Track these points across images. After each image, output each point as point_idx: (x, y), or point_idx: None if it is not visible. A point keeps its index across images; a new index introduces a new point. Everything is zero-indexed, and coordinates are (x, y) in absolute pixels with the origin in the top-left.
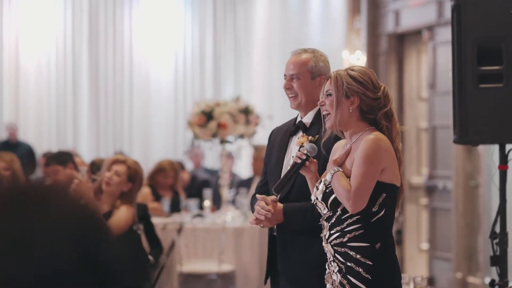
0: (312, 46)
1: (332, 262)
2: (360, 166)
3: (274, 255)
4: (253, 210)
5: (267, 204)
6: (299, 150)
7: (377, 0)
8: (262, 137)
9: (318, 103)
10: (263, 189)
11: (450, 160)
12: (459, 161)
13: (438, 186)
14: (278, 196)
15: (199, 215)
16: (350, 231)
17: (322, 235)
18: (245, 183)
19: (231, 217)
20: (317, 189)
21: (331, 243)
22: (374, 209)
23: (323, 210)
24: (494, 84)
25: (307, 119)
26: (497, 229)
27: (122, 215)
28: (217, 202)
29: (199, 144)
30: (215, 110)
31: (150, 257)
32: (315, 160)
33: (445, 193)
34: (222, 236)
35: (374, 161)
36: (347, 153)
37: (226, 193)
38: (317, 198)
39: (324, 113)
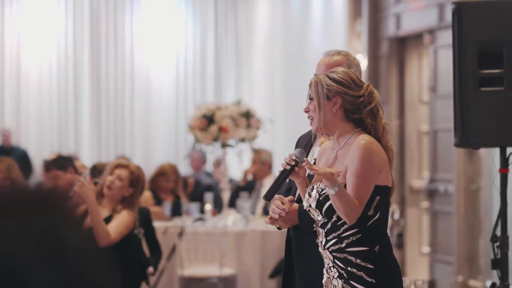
0: (313, 49)
1: (331, 268)
2: (359, 177)
3: (290, 257)
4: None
5: (283, 203)
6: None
7: (378, 3)
8: (263, 141)
9: (303, 110)
10: (288, 193)
11: (451, 164)
12: (460, 165)
13: (439, 189)
14: (269, 202)
15: (200, 219)
16: (347, 237)
17: (317, 241)
18: (246, 187)
19: (232, 221)
20: (310, 196)
21: (329, 249)
22: (369, 213)
23: (317, 217)
24: (495, 87)
25: None
26: (498, 232)
27: (123, 219)
28: (218, 206)
29: (200, 147)
30: (216, 114)
31: (151, 268)
32: (303, 165)
33: (446, 196)
34: (223, 240)
35: (371, 168)
36: (334, 160)
37: (227, 197)
38: (310, 205)
39: (309, 119)
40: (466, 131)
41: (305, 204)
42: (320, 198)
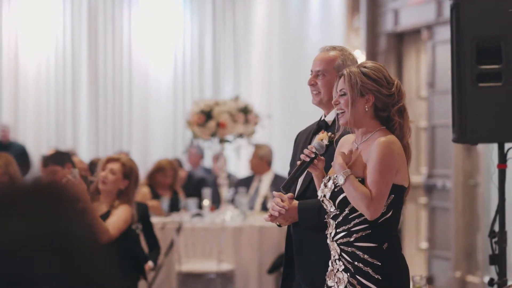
0: (311, 45)
1: (337, 261)
2: (378, 173)
3: (290, 254)
4: None
5: (282, 200)
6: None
7: None
8: (261, 136)
9: (332, 102)
10: (289, 191)
11: (449, 159)
12: (458, 160)
13: (437, 185)
14: (286, 194)
15: (198, 215)
16: (357, 231)
17: (327, 232)
18: (244, 182)
19: (230, 216)
20: (325, 186)
21: (337, 242)
22: (382, 210)
23: (330, 208)
24: (493, 83)
25: (330, 117)
26: (496, 228)
27: (121, 214)
28: (216, 202)
29: (198, 143)
30: (214, 110)
31: (150, 263)
32: (322, 157)
33: (444, 192)
34: (221, 236)
35: (390, 166)
36: (355, 153)
37: (226, 192)
38: (324, 196)
39: (339, 111)
40: (464, 127)
41: (319, 194)
42: (335, 189)
